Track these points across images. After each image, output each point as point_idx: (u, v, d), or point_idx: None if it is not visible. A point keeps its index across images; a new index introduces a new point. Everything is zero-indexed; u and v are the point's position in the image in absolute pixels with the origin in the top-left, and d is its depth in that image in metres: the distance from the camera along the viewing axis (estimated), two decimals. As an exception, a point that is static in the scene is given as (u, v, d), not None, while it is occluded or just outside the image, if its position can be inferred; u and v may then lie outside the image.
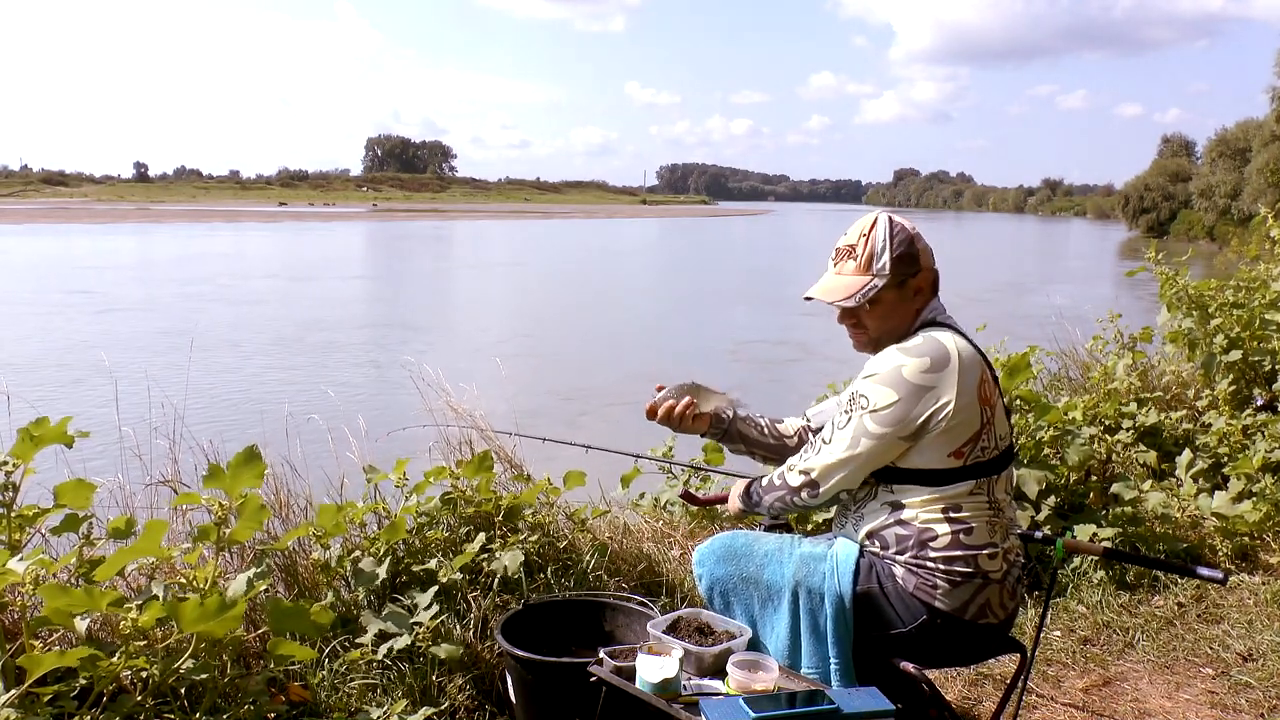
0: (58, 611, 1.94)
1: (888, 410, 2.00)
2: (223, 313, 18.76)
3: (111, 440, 3.14)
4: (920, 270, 2.13)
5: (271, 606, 2.21)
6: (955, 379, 2.00)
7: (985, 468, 2.05)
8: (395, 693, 2.49)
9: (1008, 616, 2.13)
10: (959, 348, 2.04)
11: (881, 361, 2.05)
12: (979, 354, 2.09)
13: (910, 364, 2.01)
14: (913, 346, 2.04)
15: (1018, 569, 2.15)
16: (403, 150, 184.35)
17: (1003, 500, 2.10)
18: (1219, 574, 2.33)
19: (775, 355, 13.80)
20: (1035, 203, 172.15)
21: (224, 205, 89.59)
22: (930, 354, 2.02)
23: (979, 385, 2.03)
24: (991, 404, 2.06)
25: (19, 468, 2.24)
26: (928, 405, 1.99)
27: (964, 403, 2.00)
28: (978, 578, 2.03)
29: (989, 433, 2.05)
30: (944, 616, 2.04)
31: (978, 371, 2.04)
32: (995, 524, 2.07)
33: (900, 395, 2.00)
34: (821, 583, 2.12)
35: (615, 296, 24.43)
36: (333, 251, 39.41)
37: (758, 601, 2.22)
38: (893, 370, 2.02)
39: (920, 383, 1.99)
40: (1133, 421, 4.53)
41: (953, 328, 2.13)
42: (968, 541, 2.03)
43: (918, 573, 2.04)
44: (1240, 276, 5.20)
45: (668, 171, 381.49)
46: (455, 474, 3.09)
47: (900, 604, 2.06)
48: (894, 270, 2.10)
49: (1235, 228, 12.52)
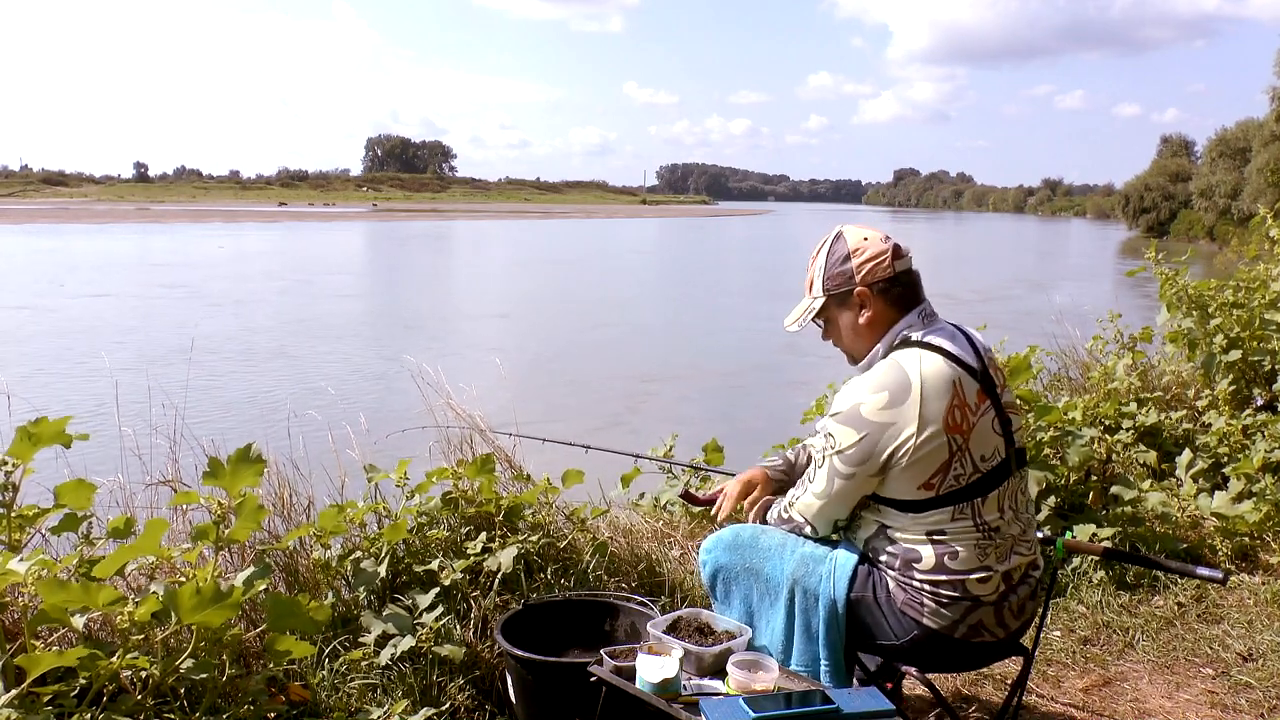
0: (55, 607, 1.93)
1: (852, 451, 1.99)
2: (222, 312, 18.76)
3: (112, 439, 3.14)
4: (855, 289, 2.07)
5: (271, 600, 2.21)
6: (916, 411, 1.94)
7: (963, 493, 1.99)
8: (395, 693, 2.49)
9: (1010, 634, 2.09)
10: (925, 374, 1.96)
11: (844, 398, 2.03)
12: (959, 371, 1.99)
13: (868, 401, 1.97)
14: (872, 379, 2.00)
15: (1028, 585, 2.09)
16: (403, 150, 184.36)
17: (996, 519, 2.02)
18: (1219, 574, 2.33)
19: (776, 361, 13.79)
20: (1035, 203, 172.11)
21: (224, 205, 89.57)
22: (889, 386, 1.97)
23: (946, 413, 1.95)
24: (964, 430, 1.97)
25: (18, 468, 2.24)
26: (889, 441, 1.96)
27: (927, 434, 1.94)
28: (966, 600, 2.00)
29: (961, 459, 1.97)
30: (934, 634, 2.03)
31: (947, 397, 1.96)
32: (986, 546, 2.00)
33: (860, 434, 1.98)
34: (818, 585, 2.13)
35: (615, 297, 24.41)
36: (333, 251, 39.41)
37: (756, 594, 2.24)
38: (852, 409, 1.99)
39: (879, 420, 1.96)
40: (1133, 421, 4.52)
41: (930, 345, 2.03)
42: (953, 566, 1.99)
43: (906, 589, 2.03)
44: (1240, 276, 5.20)
45: (668, 171, 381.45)
46: (457, 474, 3.09)
47: (893, 617, 2.07)
48: (827, 290, 2.12)
49: (1235, 228, 12.50)
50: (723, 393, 12.28)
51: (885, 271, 2.08)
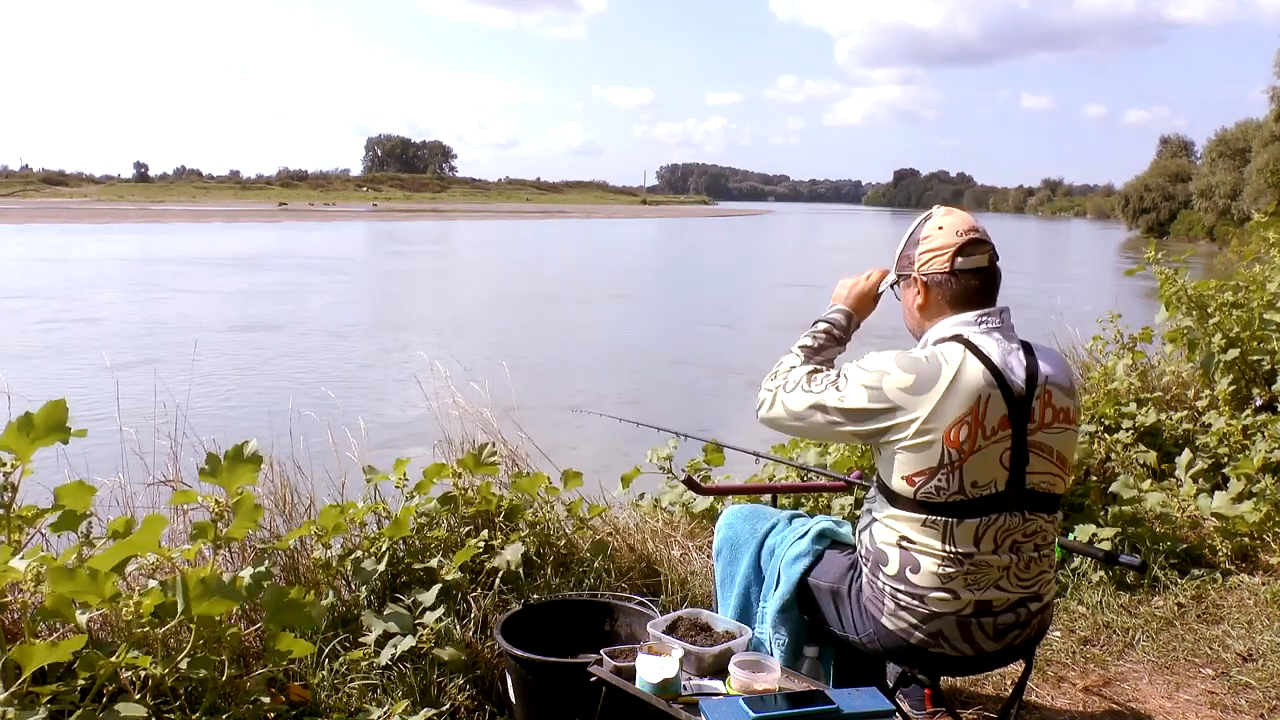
0: (59, 599, 1.93)
1: (852, 409, 1.95)
2: (223, 311, 18.76)
3: (113, 438, 3.14)
4: (913, 274, 2.06)
5: (271, 596, 2.21)
6: (930, 407, 1.88)
7: (938, 508, 1.92)
8: (396, 693, 2.49)
9: (982, 654, 2.02)
10: (957, 377, 1.89)
11: (876, 360, 1.97)
12: (992, 389, 1.89)
13: (894, 375, 1.92)
14: (909, 357, 1.95)
15: (1016, 616, 2.01)
16: (403, 150, 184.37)
17: (971, 549, 1.93)
18: (1135, 560, 2.49)
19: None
20: (1035, 203, 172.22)
21: (224, 205, 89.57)
22: (919, 372, 1.90)
23: (953, 424, 1.87)
24: (962, 448, 1.88)
25: (17, 468, 2.24)
26: (889, 420, 1.91)
27: (929, 435, 1.88)
28: (922, 608, 1.97)
29: (950, 474, 1.89)
30: (889, 635, 2.03)
31: (963, 410, 1.87)
32: (954, 572, 1.93)
33: (869, 404, 1.93)
34: (789, 566, 2.24)
35: (615, 297, 24.41)
36: (333, 251, 39.40)
37: (751, 561, 2.37)
38: (877, 374, 1.94)
39: (893, 400, 1.91)
40: (1132, 422, 4.52)
41: (978, 350, 1.93)
42: (913, 579, 1.96)
43: (871, 587, 2.05)
44: (1239, 277, 5.20)
45: (668, 171, 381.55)
46: (457, 472, 3.10)
47: (857, 612, 2.10)
48: (897, 268, 2.16)
49: (1235, 228, 12.46)
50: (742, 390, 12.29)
51: (943, 266, 2.01)
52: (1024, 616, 2.03)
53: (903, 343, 2.10)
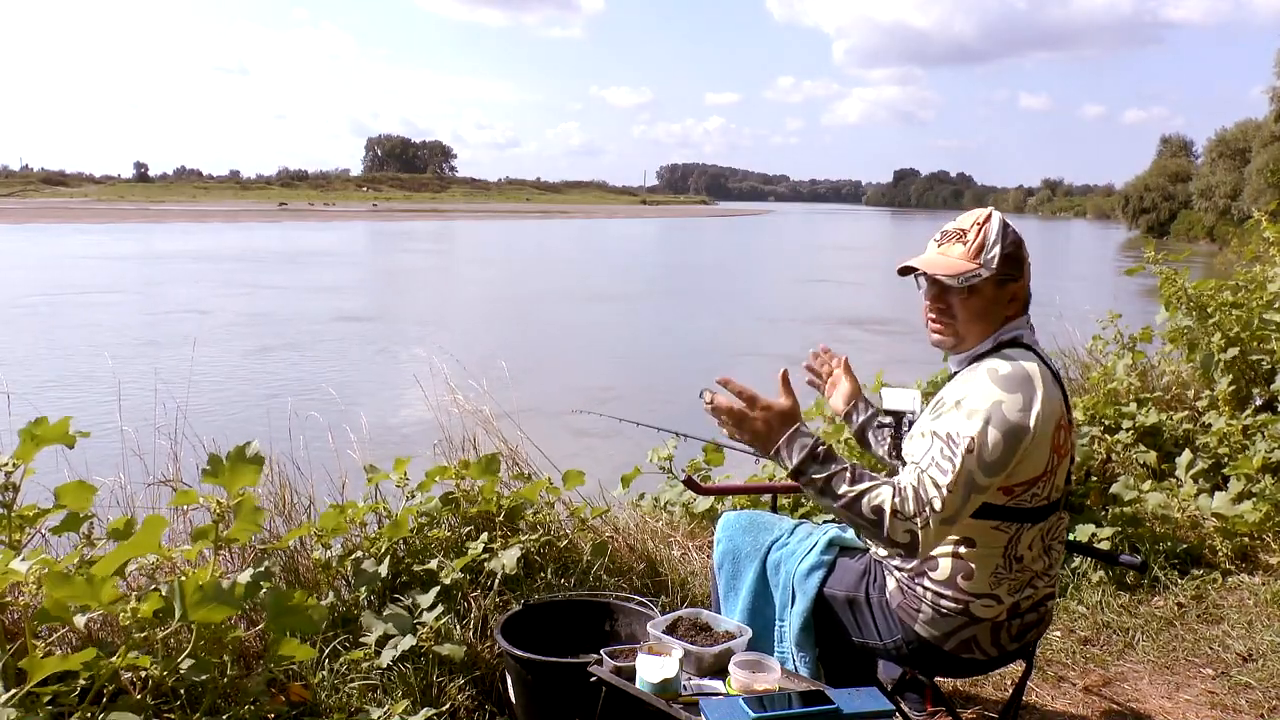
0: (58, 604, 1.93)
1: (998, 456, 1.82)
2: (223, 311, 18.76)
3: (114, 438, 3.14)
4: (1021, 278, 2.01)
5: (272, 600, 2.21)
6: (1033, 418, 1.85)
7: (1023, 514, 1.91)
8: (396, 693, 2.49)
9: (1002, 654, 2.04)
10: (1045, 384, 1.88)
11: (978, 393, 1.86)
12: (1060, 390, 1.93)
13: (1007, 400, 1.84)
14: (1006, 376, 1.87)
15: (1036, 614, 2.04)
16: (403, 150, 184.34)
17: (1026, 553, 1.95)
18: (1136, 560, 2.47)
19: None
20: (1035, 203, 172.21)
21: (224, 205, 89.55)
22: (1020, 388, 1.86)
23: (1055, 431, 1.88)
24: (1062, 451, 1.91)
25: (19, 468, 2.24)
26: (1022, 444, 1.84)
27: (1038, 440, 1.86)
28: (964, 617, 1.98)
29: (1047, 482, 1.91)
30: (922, 642, 2.02)
31: (1059, 415, 1.90)
32: (1003, 576, 1.95)
33: (1005, 441, 1.82)
34: (804, 581, 2.17)
35: (616, 297, 24.41)
36: (333, 250, 39.39)
37: (756, 575, 2.29)
38: (992, 407, 1.83)
39: (1018, 421, 1.83)
40: (1133, 422, 4.52)
41: (1039, 355, 1.96)
42: (964, 585, 1.96)
43: (906, 593, 2.02)
44: (1239, 277, 5.20)
45: (668, 171, 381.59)
46: (460, 474, 3.09)
47: (881, 618, 2.06)
48: (1000, 266, 1.96)
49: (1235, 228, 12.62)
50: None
51: (1030, 271, 2.03)
52: (1043, 614, 2.07)
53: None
